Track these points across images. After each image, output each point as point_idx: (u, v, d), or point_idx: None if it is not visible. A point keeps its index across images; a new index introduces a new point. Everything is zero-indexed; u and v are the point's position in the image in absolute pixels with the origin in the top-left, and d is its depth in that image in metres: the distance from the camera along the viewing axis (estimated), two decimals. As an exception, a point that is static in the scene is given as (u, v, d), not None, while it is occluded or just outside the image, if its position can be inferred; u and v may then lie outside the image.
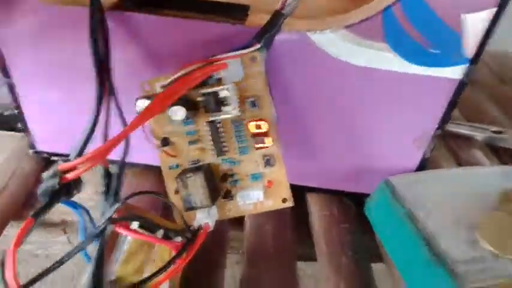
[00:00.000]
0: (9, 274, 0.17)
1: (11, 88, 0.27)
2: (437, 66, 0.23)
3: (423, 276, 0.23)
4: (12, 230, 0.27)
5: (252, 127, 0.22)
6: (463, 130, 0.41)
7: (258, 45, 0.21)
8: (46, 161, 0.31)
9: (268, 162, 0.23)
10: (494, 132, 0.41)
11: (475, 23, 0.22)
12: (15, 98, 0.27)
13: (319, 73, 0.24)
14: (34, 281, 0.17)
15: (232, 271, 0.30)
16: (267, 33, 0.21)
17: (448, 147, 0.40)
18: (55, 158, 0.30)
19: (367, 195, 0.28)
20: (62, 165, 0.18)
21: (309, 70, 0.24)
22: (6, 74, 0.26)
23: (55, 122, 0.28)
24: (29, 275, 0.17)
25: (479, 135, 0.41)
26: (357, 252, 0.27)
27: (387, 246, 0.27)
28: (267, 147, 0.22)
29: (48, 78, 0.26)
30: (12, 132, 0.32)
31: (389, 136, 0.27)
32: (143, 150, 0.23)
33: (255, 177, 0.23)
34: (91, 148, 0.18)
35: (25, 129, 0.29)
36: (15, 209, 0.28)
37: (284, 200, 0.24)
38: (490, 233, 0.24)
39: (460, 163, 0.38)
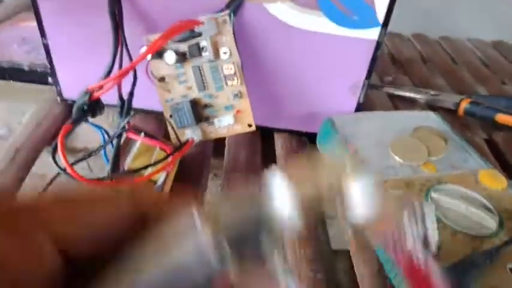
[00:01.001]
0: (60, 155, 0.26)
1: (46, 47, 0.36)
2: (358, 28, 0.32)
3: (348, 180, 0.32)
4: (45, 155, 0.36)
5: (225, 69, 0.31)
6: (408, 93, 0.51)
7: (227, 11, 0.30)
8: (71, 106, 0.40)
9: (236, 96, 0.32)
10: (433, 95, 0.50)
11: (381, -4, 0.31)
12: (49, 55, 0.36)
13: (272, 34, 0.33)
14: (80, 160, 0.26)
15: (216, 190, 0.39)
16: (234, 3, 0.30)
17: (395, 107, 0.49)
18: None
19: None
20: (91, 86, 0.27)
21: (265, 32, 0.33)
22: (43, 35, 0.35)
23: (79, 74, 0.37)
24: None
25: (421, 98, 0.50)
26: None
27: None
28: (235, 84, 0.31)
29: (75, 39, 0.35)
30: (42, 85, 0.41)
31: (330, 86, 0.36)
32: (146, 98, 0.32)
33: (227, 107, 0.32)
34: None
35: (56, 82, 0.38)
36: (48, 140, 0.37)
37: (249, 125, 0.33)
38: (398, 149, 0.33)
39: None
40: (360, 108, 0.38)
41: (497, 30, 0.76)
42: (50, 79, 0.40)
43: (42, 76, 0.41)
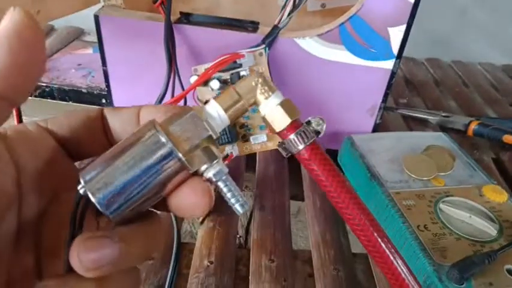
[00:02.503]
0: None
1: (105, 73, 0.42)
2: (376, 60, 0.37)
3: (366, 191, 0.37)
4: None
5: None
6: (420, 114, 0.55)
7: (263, 46, 0.36)
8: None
9: (269, 117, 0.37)
10: (444, 116, 0.54)
11: (396, 33, 0.36)
12: (107, 80, 0.42)
13: (301, 64, 0.38)
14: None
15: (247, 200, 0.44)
16: (269, 39, 0.36)
17: (408, 127, 0.54)
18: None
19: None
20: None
21: (294, 62, 0.38)
22: (104, 63, 0.41)
23: (131, 97, 0.43)
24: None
25: (432, 119, 0.54)
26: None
27: (350, 178, 0.41)
28: (268, 107, 0.36)
29: (130, 66, 0.41)
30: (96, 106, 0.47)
31: (351, 109, 0.41)
32: None
33: (261, 127, 0.37)
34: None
35: (111, 103, 0.44)
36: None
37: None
38: (410, 165, 0.37)
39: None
40: (376, 128, 0.42)
41: (507, 54, 0.80)
42: (104, 100, 0.46)
43: (98, 98, 0.47)
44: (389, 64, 0.38)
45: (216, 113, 0.18)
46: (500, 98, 0.63)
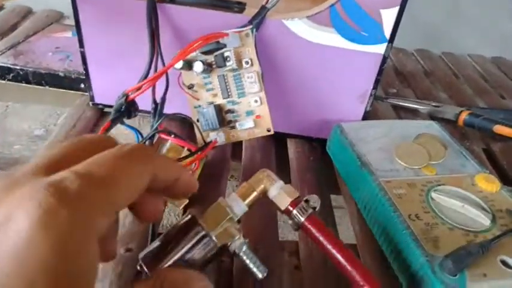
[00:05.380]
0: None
1: (83, 56, 0.40)
2: (367, 44, 0.36)
3: (356, 180, 0.36)
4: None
5: (246, 77, 0.34)
6: (411, 104, 0.54)
7: (250, 26, 0.34)
8: (102, 110, 0.43)
9: (256, 102, 0.35)
10: (435, 106, 0.53)
11: (388, 16, 0.34)
12: (85, 63, 0.40)
13: (289, 48, 0.37)
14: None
15: (233, 189, 0.42)
16: (256, 19, 0.34)
17: (398, 117, 0.53)
18: (108, 110, 0.43)
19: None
20: (128, 89, 0.30)
21: (283, 45, 0.37)
22: (81, 45, 0.39)
23: (110, 81, 0.41)
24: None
25: (423, 108, 0.53)
26: (319, 173, 0.40)
27: (339, 167, 0.39)
28: (256, 91, 0.35)
29: (109, 48, 0.39)
30: (75, 91, 0.45)
31: (340, 95, 0.40)
32: (173, 106, 0.35)
33: (248, 113, 0.36)
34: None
35: (89, 88, 0.42)
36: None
37: (268, 130, 0.36)
38: (402, 154, 0.36)
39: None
40: (366, 116, 0.41)
41: (497, 46, 0.80)
42: (82, 85, 0.44)
43: (76, 82, 0.44)
44: (381, 48, 0.36)
45: (235, 201, 0.25)
46: (490, 89, 0.62)
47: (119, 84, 0.38)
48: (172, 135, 0.33)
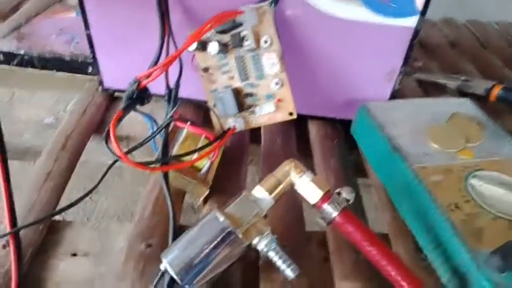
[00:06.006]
0: (112, 143, 0.27)
1: (89, 38, 0.37)
2: (397, 17, 0.33)
3: (387, 165, 0.33)
4: (91, 143, 0.37)
5: (266, 58, 0.32)
6: (439, 79, 0.51)
7: (268, 1, 0.31)
8: (112, 95, 0.41)
9: (277, 84, 0.33)
10: (464, 80, 0.50)
11: (422, -16, 0.31)
12: (92, 46, 0.37)
13: (311, 24, 0.34)
14: (133, 149, 0.27)
15: (253, 176, 0.40)
16: (276, -7, 0.31)
17: (425, 93, 0.50)
18: (118, 94, 0.41)
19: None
20: (140, 74, 0.28)
21: (304, 21, 0.33)
22: (87, 27, 0.36)
23: (120, 64, 0.38)
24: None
25: (452, 83, 0.50)
26: (343, 158, 0.37)
27: (365, 151, 0.37)
28: (276, 72, 0.32)
29: (118, 30, 0.36)
30: (84, 75, 0.42)
31: (366, 73, 0.37)
32: (187, 88, 0.33)
33: (268, 96, 0.33)
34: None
35: (97, 72, 0.39)
36: (93, 128, 0.38)
37: (290, 114, 0.34)
38: (436, 136, 0.33)
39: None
40: (394, 95, 0.38)
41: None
42: (90, 69, 0.42)
43: (83, 66, 0.42)
44: (412, 21, 0.33)
45: (261, 195, 0.23)
46: (520, 60, 0.58)
47: (129, 67, 0.35)
48: (189, 123, 0.30)
